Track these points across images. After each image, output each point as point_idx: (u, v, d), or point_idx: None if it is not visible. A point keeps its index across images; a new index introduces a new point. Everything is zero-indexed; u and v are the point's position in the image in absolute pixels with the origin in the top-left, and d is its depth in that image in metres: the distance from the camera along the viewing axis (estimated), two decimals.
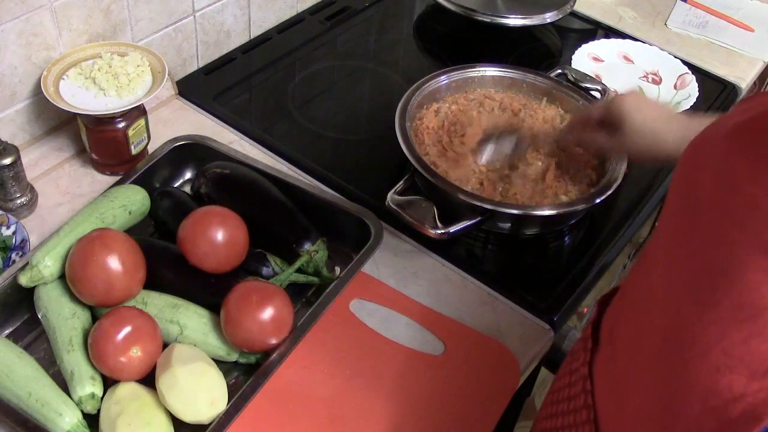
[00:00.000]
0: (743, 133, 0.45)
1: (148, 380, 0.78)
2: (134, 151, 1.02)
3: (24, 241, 0.90)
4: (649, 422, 0.51)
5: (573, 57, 1.32)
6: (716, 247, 0.45)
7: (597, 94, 1.16)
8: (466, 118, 1.07)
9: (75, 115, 0.98)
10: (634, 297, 0.58)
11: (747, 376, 0.43)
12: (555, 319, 0.92)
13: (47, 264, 0.82)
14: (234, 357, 0.83)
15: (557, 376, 0.72)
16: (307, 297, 0.92)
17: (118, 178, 0.99)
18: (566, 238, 1.04)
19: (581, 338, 0.68)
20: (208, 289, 0.85)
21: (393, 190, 0.96)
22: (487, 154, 1.03)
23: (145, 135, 1.03)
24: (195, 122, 1.13)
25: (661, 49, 1.35)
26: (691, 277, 0.47)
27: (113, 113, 0.96)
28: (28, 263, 0.83)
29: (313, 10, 1.40)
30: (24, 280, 0.82)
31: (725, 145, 0.46)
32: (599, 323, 0.65)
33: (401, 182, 0.98)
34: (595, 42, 1.36)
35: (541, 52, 1.42)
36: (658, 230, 0.55)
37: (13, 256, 0.90)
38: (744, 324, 0.43)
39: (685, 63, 1.33)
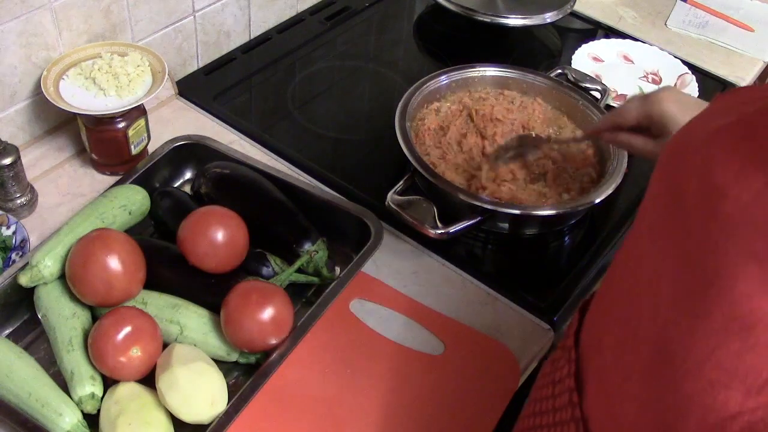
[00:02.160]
0: (726, 137, 0.44)
1: (148, 380, 0.78)
2: (134, 151, 1.02)
3: (24, 241, 0.90)
4: None
5: (573, 57, 1.32)
6: (705, 254, 0.43)
7: (597, 94, 1.16)
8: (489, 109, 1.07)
9: (75, 115, 0.98)
10: (618, 306, 0.56)
11: (743, 393, 0.41)
12: (555, 319, 0.92)
13: (47, 264, 0.82)
14: (234, 357, 0.83)
15: (536, 386, 0.69)
16: (307, 297, 0.92)
17: (118, 178, 0.99)
18: (566, 238, 1.04)
19: (561, 347, 0.66)
20: (208, 289, 0.85)
21: (393, 190, 0.96)
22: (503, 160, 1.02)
23: (145, 135, 1.03)
24: (195, 122, 1.13)
25: (661, 49, 1.35)
26: (680, 285, 0.46)
27: (113, 113, 0.96)
28: (28, 263, 0.83)
29: (313, 10, 1.40)
30: (24, 280, 0.82)
31: (708, 150, 0.44)
32: (580, 331, 0.64)
33: (401, 182, 0.98)
34: (595, 42, 1.36)
35: (541, 52, 1.42)
36: (637, 233, 0.53)
37: (13, 256, 0.90)
38: (737, 336, 0.41)
39: (685, 63, 1.33)
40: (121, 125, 0.98)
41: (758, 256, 0.40)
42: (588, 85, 1.16)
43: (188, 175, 1.04)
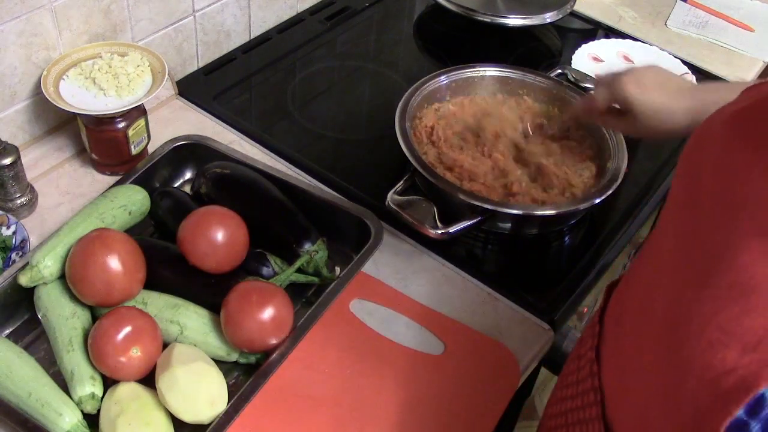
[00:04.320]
0: (741, 120, 0.46)
1: (148, 380, 0.78)
2: (134, 151, 1.02)
3: (24, 241, 0.90)
4: (653, 400, 0.52)
5: (573, 57, 1.32)
6: (714, 229, 0.46)
7: None
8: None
9: (75, 115, 0.98)
10: (639, 281, 0.59)
11: (739, 351, 0.44)
12: (555, 319, 0.92)
13: (47, 264, 0.82)
14: (234, 357, 0.83)
15: (566, 364, 0.73)
16: (307, 297, 0.92)
17: (118, 178, 0.99)
18: (566, 238, 1.04)
19: (589, 325, 0.69)
20: (208, 289, 0.85)
21: (393, 190, 0.96)
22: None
23: (145, 135, 1.03)
24: (195, 122, 1.13)
25: (661, 49, 1.35)
26: (690, 260, 0.49)
27: (113, 113, 0.96)
28: (28, 263, 0.83)
29: (313, 10, 1.40)
30: (24, 280, 0.82)
31: (724, 132, 0.47)
32: (605, 309, 0.66)
33: (401, 182, 0.98)
34: (595, 42, 1.36)
35: (541, 52, 1.42)
36: (663, 216, 0.57)
37: (13, 256, 0.90)
38: (737, 301, 0.44)
39: (685, 63, 1.33)
40: (121, 125, 0.98)
41: (762, 229, 0.43)
42: (588, 85, 1.16)
43: (188, 175, 1.04)
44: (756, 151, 0.44)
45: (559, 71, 1.18)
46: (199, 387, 0.76)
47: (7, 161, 0.92)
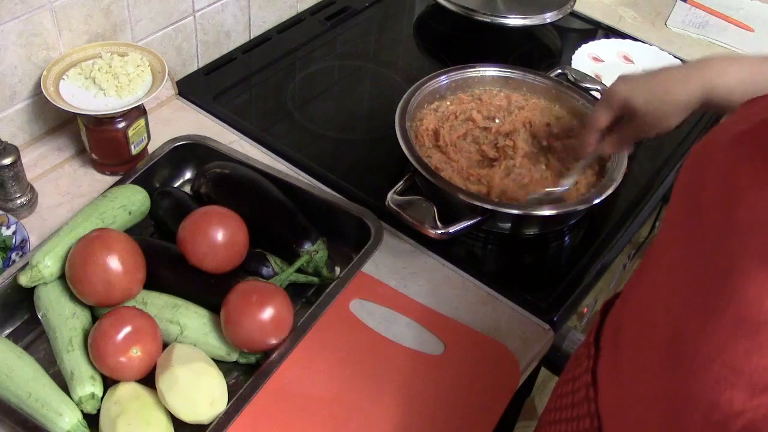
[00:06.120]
0: (747, 142, 0.45)
1: (148, 380, 0.78)
2: (134, 151, 1.02)
3: (24, 241, 0.90)
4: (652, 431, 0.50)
5: (573, 57, 1.32)
6: (718, 256, 0.44)
7: (597, 94, 1.16)
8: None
9: (75, 115, 0.98)
10: (637, 303, 0.57)
11: (747, 392, 0.42)
12: (555, 319, 0.92)
13: (47, 264, 0.82)
14: (234, 357, 0.83)
15: (559, 382, 0.71)
16: (307, 297, 0.92)
17: (118, 178, 0.99)
18: (566, 238, 1.04)
19: (584, 344, 0.68)
20: (208, 289, 0.85)
21: (393, 190, 0.96)
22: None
23: (145, 135, 1.03)
24: (195, 122, 1.13)
25: (661, 49, 1.35)
26: (693, 285, 0.47)
27: (113, 113, 0.96)
28: (28, 263, 0.83)
29: (313, 10, 1.40)
30: (24, 280, 0.82)
31: (729, 154, 0.46)
32: (601, 329, 0.65)
33: (401, 182, 0.98)
34: (595, 42, 1.36)
35: (541, 52, 1.42)
36: (659, 236, 0.55)
37: (13, 256, 0.90)
38: (744, 338, 0.42)
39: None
40: (121, 125, 0.98)
41: None
42: (588, 85, 1.16)
43: (188, 175, 1.04)
44: (763, 175, 0.42)
45: (559, 71, 1.18)
46: (199, 387, 0.76)
47: (7, 161, 0.92)
